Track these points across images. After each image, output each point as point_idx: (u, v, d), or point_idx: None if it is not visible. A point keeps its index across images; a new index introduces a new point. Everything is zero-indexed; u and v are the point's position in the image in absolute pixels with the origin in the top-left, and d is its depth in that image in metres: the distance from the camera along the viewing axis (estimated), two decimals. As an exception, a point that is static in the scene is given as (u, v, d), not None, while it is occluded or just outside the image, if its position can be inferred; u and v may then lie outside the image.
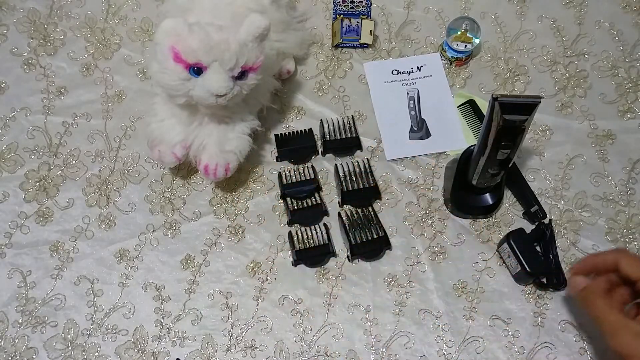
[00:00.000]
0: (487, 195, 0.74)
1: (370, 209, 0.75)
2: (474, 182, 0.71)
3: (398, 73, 0.84)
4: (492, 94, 0.60)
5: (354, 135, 0.79)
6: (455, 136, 0.80)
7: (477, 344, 0.70)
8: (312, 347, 0.69)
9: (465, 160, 0.73)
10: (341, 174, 0.76)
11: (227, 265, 0.73)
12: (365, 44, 0.84)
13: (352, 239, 0.72)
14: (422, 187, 0.77)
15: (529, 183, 0.77)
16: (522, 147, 0.79)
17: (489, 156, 0.65)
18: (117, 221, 0.75)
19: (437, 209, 0.76)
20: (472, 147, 0.72)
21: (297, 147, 0.78)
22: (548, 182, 0.78)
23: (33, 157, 0.78)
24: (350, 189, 0.75)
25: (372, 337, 0.70)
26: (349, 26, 0.82)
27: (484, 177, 0.70)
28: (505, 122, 0.60)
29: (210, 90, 0.61)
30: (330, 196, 0.77)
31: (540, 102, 0.60)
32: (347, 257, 0.73)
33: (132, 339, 0.70)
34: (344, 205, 0.76)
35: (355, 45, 0.85)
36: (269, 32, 0.63)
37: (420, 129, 0.80)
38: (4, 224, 0.74)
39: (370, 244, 0.72)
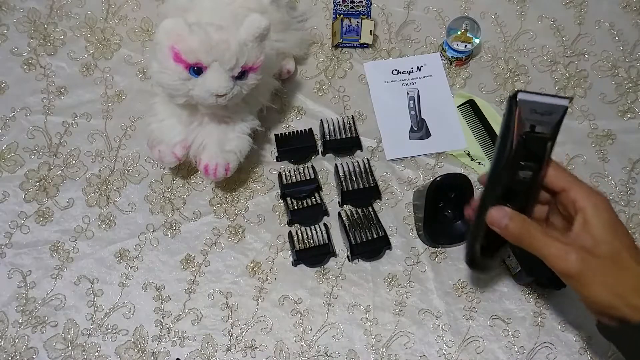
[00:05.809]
0: (460, 223, 0.73)
1: (370, 209, 0.75)
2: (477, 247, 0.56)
3: (398, 73, 0.84)
4: (512, 93, 0.47)
5: (354, 135, 0.79)
6: (455, 136, 0.80)
7: (477, 344, 0.70)
8: (312, 347, 0.69)
9: (435, 189, 0.72)
10: (341, 174, 0.76)
11: (227, 265, 0.73)
12: (365, 43, 0.84)
13: (352, 239, 0.72)
14: (422, 187, 0.77)
15: (529, 183, 0.77)
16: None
17: (502, 181, 0.50)
18: (117, 221, 0.75)
19: (437, 209, 0.76)
20: (438, 179, 0.70)
21: (297, 147, 0.78)
22: (548, 182, 0.78)
23: (33, 157, 0.78)
24: (350, 189, 0.75)
25: (372, 337, 0.70)
26: (349, 26, 0.82)
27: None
28: (530, 134, 0.47)
29: (210, 90, 0.61)
30: (330, 196, 0.77)
31: (569, 103, 0.48)
32: (347, 257, 0.73)
33: (132, 339, 0.70)
34: (344, 205, 0.76)
35: (355, 45, 0.85)
36: (269, 32, 0.63)
37: (420, 129, 0.80)
38: (4, 224, 0.75)
39: (370, 244, 0.72)
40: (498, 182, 0.50)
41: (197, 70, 0.60)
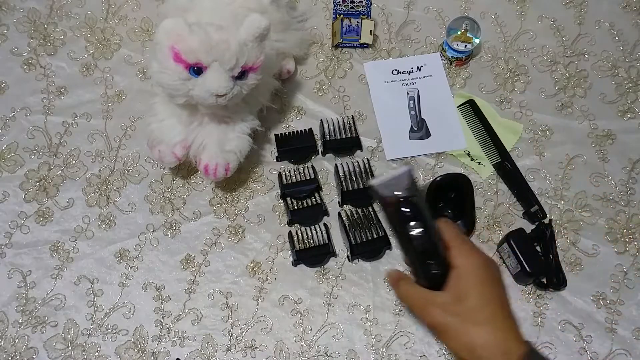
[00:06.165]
0: (459, 223, 0.73)
1: (370, 209, 0.75)
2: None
3: (398, 73, 0.84)
4: (369, 185, 0.54)
5: (354, 135, 0.79)
6: (455, 136, 0.80)
7: (477, 344, 0.69)
8: (312, 347, 0.69)
9: (435, 189, 0.71)
10: (341, 174, 0.76)
11: (227, 265, 0.73)
12: (365, 43, 0.84)
13: (352, 239, 0.72)
14: (422, 187, 0.77)
15: (529, 183, 0.77)
16: (522, 148, 0.80)
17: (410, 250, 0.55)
18: (117, 221, 0.75)
19: (437, 209, 0.76)
20: (438, 179, 0.71)
21: (297, 147, 0.78)
22: (548, 182, 0.78)
23: (33, 157, 0.78)
24: (350, 188, 0.75)
25: (372, 337, 0.70)
26: (349, 26, 0.82)
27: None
28: (400, 200, 0.53)
29: (210, 90, 0.61)
30: (330, 196, 0.77)
31: (410, 168, 0.54)
32: (347, 257, 0.73)
33: (132, 339, 0.70)
34: (344, 205, 0.76)
35: (355, 45, 0.85)
36: (269, 32, 0.63)
37: (420, 129, 0.80)
38: (4, 224, 0.75)
39: (370, 244, 0.72)
40: (409, 253, 0.56)
41: (197, 70, 0.60)
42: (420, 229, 0.53)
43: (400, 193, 0.53)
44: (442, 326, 0.53)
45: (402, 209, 0.53)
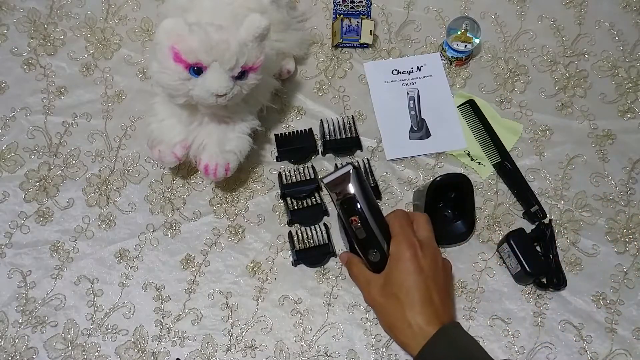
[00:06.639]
0: (460, 223, 0.73)
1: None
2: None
3: (398, 73, 0.84)
4: (323, 181, 0.62)
5: (354, 135, 0.79)
6: (455, 136, 0.80)
7: (477, 344, 0.70)
8: (312, 347, 0.69)
9: (435, 189, 0.72)
10: (341, 174, 0.76)
11: (227, 265, 0.73)
12: (365, 43, 0.84)
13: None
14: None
15: (529, 183, 0.77)
16: (522, 148, 0.80)
17: (354, 239, 0.63)
18: (117, 221, 0.75)
19: (437, 209, 0.76)
20: (438, 179, 0.71)
21: (297, 147, 0.78)
22: (548, 182, 0.78)
23: (33, 157, 0.78)
24: (350, 188, 0.75)
25: (372, 337, 0.70)
26: (349, 26, 0.82)
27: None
28: (342, 198, 0.61)
29: (210, 90, 0.61)
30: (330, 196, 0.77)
31: (352, 168, 0.61)
32: (347, 257, 0.73)
33: (132, 339, 0.70)
34: (344, 205, 0.76)
35: (355, 45, 0.85)
36: (269, 32, 0.63)
37: (420, 129, 0.80)
38: (4, 224, 0.75)
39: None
40: (354, 241, 0.64)
41: (197, 70, 0.60)
42: (359, 223, 0.61)
43: (343, 190, 0.61)
44: (375, 304, 0.62)
45: (344, 204, 0.61)
